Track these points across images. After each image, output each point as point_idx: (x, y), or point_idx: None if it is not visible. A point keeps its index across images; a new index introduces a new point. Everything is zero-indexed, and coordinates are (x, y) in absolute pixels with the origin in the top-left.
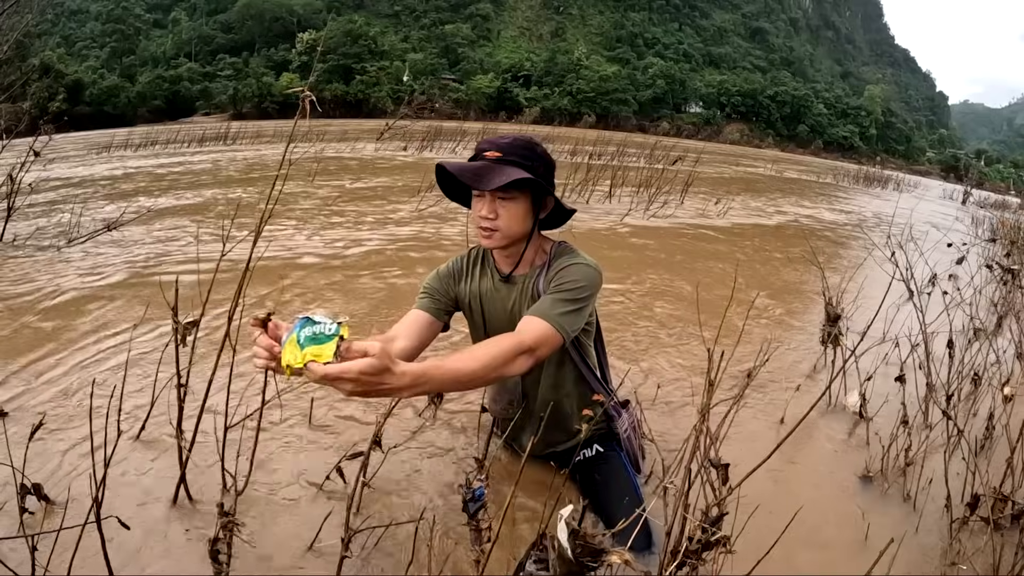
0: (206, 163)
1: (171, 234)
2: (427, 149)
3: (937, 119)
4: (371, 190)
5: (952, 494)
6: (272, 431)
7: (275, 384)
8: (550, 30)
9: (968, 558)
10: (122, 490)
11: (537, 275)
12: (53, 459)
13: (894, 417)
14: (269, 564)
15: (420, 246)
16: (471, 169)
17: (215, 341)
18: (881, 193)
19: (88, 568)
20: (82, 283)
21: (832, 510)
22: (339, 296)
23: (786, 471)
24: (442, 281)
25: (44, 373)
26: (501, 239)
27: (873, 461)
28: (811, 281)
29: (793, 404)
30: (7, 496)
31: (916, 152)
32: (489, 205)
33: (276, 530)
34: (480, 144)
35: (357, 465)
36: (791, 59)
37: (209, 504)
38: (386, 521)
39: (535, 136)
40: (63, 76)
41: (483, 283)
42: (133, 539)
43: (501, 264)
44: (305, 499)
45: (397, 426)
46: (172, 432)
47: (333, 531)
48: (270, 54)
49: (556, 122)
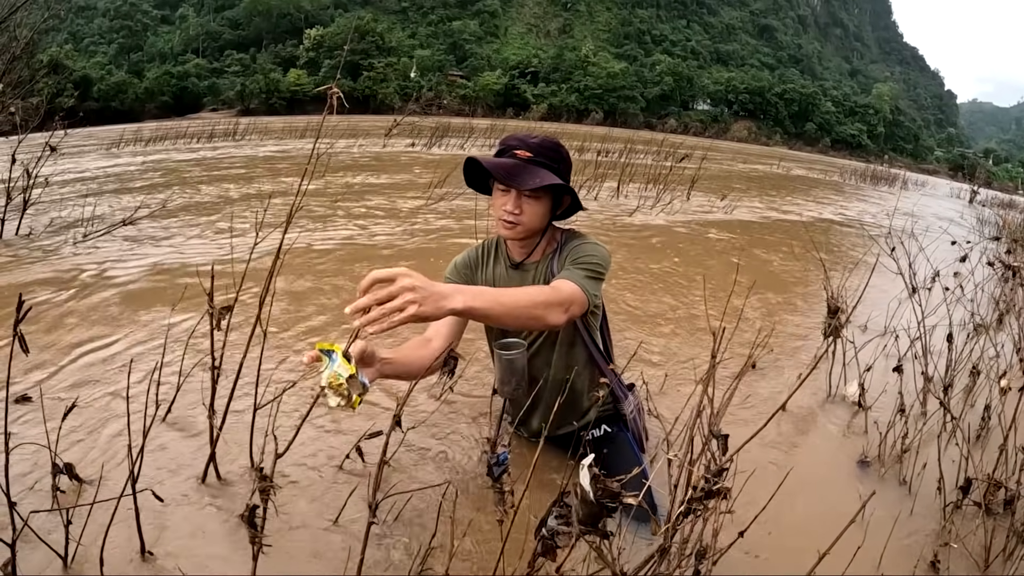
0: (216, 159)
1: (186, 228)
2: (436, 146)
3: (945, 118)
4: (382, 186)
5: (947, 480)
6: (294, 417)
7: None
8: (558, 27)
9: (960, 539)
10: (149, 471)
11: (550, 260)
12: (84, 441)
13: (893, 407)
14: (298, 534)
15: (433, 238)
16: (505, 167)
17: (243, 330)
18: (888, 191)
19: (119, 541)
20: (101, 275)
21: (831, 490)
22: (350, 283)
23: (787, 456)
24: (460, 273)
25: (70, 360)
26: (522, 232)
27: (871, 447)
28: (814, 276)
29: (796, 393)
30: (39, 476)
31: (924, 151)
32: (515, 201)
33: (300, 506)
34: (508, 140)
35: (374, 446)
36: (799, 57)
37: (237, 483)
38: (405, 498)
39: (556, 138)
40: (71, 72)
41: (496, 270)
42: (164, 514)
43: (514, 252)
44: (326, 478)
45: (413, 413)
46: (196, 415)
47: (356, 506)
48: (277, 50)
49: (563, 119)
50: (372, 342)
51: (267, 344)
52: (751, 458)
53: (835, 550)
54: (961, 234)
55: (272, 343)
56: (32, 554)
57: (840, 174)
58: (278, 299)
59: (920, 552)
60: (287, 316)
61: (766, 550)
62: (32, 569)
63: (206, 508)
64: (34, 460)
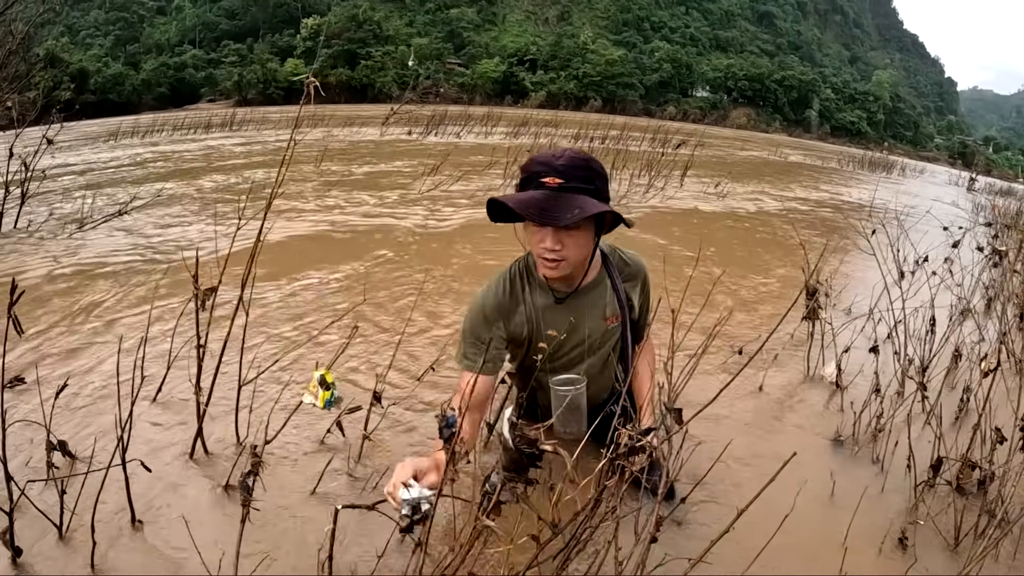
0: (212, 149)
1: (180, 218)
2: (432, 134)
3: (946, 105)
4: (377, 174)
5: (921, 459)
6: (275, 393)
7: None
8: (556, 14)
9: (931, 517)
10: (140, 447)
11: (609, 280)
12: (75, 421)
13: (870, 387)
14: (280, 502)
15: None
16: (535, 204)
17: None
18: (885, 178)
19: (111, 511)
20: (98, 263)
21: (799, 467)
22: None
23: (764, 435)
24: (492, 327)
25: (62, 343)
26: (567, 268)
27: (845, 426)
28: (798, 261)
29: (771, 375)
30: (33, 453)
31: (924, 138)
32: (554, 237)
33: (281, 479)
34: (532, 167)
35: (354, 420)
36: (799, 43)
37: (223, 458)
38: (384, 468)
39: (585, 152)
40: (67, 65)
41: (539, 303)
42: (153, 487)
43: (558, 285)
44: (308, 453)
45: (392, 392)
46: (185, 396)
47: (333, 478)
48: (274, 40)
49: (562, 106)
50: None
51: (253, 326)
52: (724, 434)
53: (801, 523)
54: (956, 221)
55: (259, 327)
56: (29, 524)
57: (837, 161)
58: (275, 287)
59: (888, 529)
60: (278, 299)
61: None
62: (29, 537)
63: (194, 480)
64: (29, 438)
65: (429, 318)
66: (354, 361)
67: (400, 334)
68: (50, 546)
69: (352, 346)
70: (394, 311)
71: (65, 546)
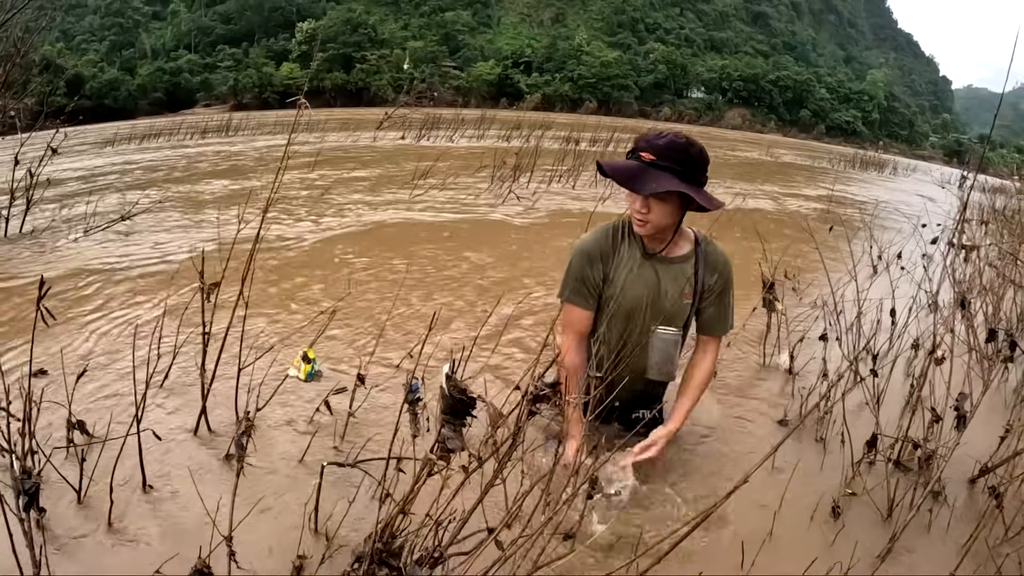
0: (209, 154)
1: (183, 221)
2: (424, 138)
3: (941, 103)
4: (368, 178)
5: (859, 437)
6: (269, 370)
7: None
8: (551, 16)
9: (868, 491)
10: (150, 424)
11: (694, 264)
12: (91, 405)
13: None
14: (273, 467)
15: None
16: (625, 171)
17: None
18: (875, 177)
19: (124, 479)
20: (104, 266)
21: (752, 449)
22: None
23: (721, 417)
24: (594, 267)
25: (79, 337)
26: (652, 229)
27: (793, 410)
28: (781, 261)
29: (727, 363)
30: (54, 432)
31: (919, 137)
32: (642, 201)
33: (273, 449)
34: (638, 141)
35: (340, 400)
36: (793, 43)
37: (225, 434)
38: (365, 441)
39: (682, 134)
40: (63, 70)
41: (630, 255)
42: (162, 459)
43: (648, 243)
44: (297, 429)
45: (379, 374)
46: (190, 383)
47: (321, 449)
48: (270, 44)
49: (557, 108)
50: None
51: (253, 315)
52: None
53: (739, 493)
54: (938, 218)
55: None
56: (51, 490)
57: (829, 160)
58: (272, 281)
59: (821, 499)
60: (277, 294)
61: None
62: (51, 499)
63: (198, 452)
64: (49, 420)
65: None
66: (342, 346)
67: (383, 324)
68: (70, 508)
69: (343, 335)
70: (380, 308)
71: (83, 508)
